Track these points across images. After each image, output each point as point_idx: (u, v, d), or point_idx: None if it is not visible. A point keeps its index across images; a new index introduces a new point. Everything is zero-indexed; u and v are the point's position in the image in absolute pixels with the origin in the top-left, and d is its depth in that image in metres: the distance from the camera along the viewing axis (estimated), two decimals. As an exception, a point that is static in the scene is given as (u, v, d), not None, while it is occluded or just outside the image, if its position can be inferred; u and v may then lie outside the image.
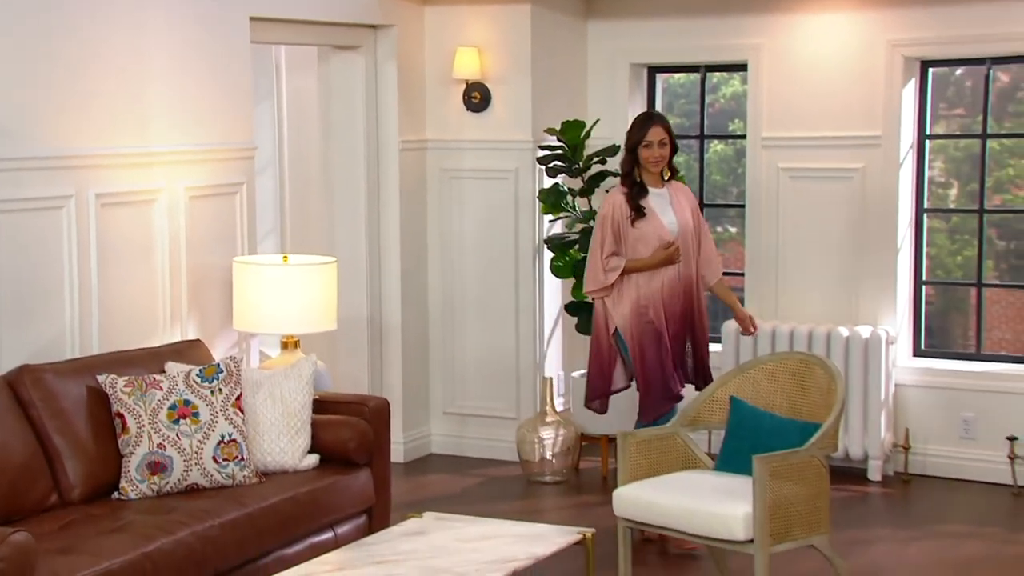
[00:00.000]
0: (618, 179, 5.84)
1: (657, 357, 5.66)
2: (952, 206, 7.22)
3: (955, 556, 5.58)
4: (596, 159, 6.76)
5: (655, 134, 5.60)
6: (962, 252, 7.14)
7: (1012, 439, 6.49)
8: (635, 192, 5.63)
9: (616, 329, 5.72)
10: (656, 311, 5.64)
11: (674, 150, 5.72)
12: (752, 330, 6.03)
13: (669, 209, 5.67)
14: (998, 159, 7.01)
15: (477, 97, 7.09)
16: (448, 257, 7.26)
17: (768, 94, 6.97)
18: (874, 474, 6.66)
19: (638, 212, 5.60)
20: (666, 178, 5.74)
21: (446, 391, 7.32)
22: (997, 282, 7.08)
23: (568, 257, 6.77)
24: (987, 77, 6.76)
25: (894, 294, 6.78)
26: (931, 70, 6.84)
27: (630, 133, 5.70)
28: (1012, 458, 6.48)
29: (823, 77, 6.84)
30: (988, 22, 6.49)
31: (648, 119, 5.71)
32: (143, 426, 4.74)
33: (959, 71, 7.05)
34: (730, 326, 6.94)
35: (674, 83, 7.74)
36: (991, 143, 6.88)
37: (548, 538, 4.42)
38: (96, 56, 5.26)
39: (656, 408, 5.67)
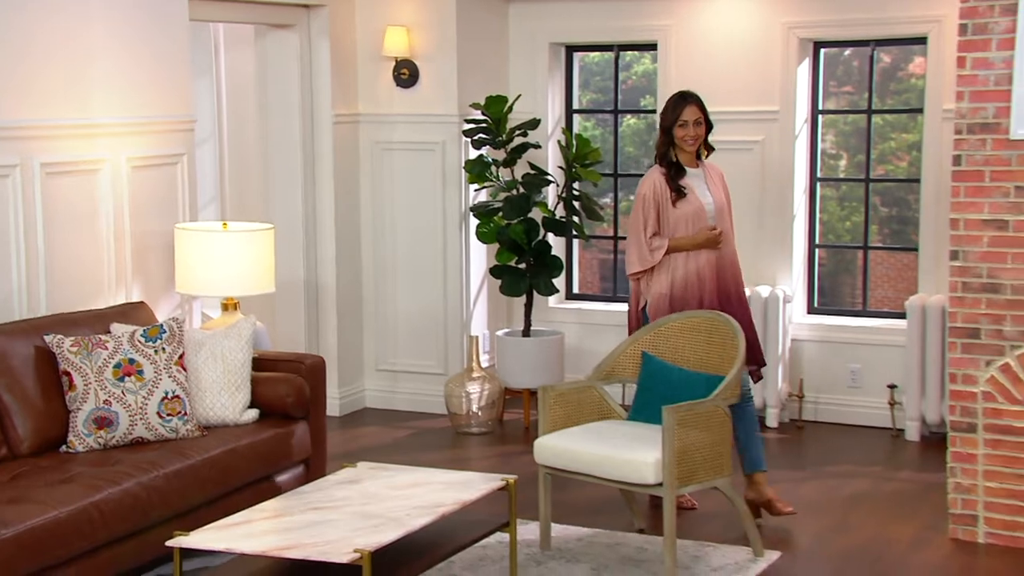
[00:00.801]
0: (654, 160, 5.42)
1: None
2: (842, 176, 7.30)
3: (842, 493, 5.69)
4: (518, 132, 6.74)
5: (690, 113, 5.22)
6: (850, 218, 7.24)
7: (892, 387, 6.61)
8: (673, 172, 5.27)
9: (645, 306, 5.32)
10: (692, 291, 5.24)
11: (708, 128, 5.31)
12: None
13: (705, 188, 5.32)
14: (882, 133, 7.10)
15: (406, 74, 7.02)
16: (380, 224, 7.20)
17: (676, 72, 6.97)
18: (772, 421, 6.75)
19: (679, 192, 5.24)
20: (704, 157, 5.38)
21: (379, 349, 7.28)
22: (880, 245, 7.18)
23: (492, 224, 6.74)
24: (872, 58, 6.83)
25: (790, 257, 6.85)
26: (822, 50, 6.90)
27: (664, 113, 5.30)
28: (892, 404, 6.61)
29: (726, 56, 6.86)
30: (873, 7, 6.55)
31: (682, 99, 5.26)
32: (89, 383, 4.66)
33: (847, 52, 7.11)
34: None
35: (589, 61, 7.71)
36: (876, 118, 6.97)
37: (474, 484, 4.41)
38: (41, 32, 5.14)
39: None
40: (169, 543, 3.92)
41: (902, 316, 6.58)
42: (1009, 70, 4.90)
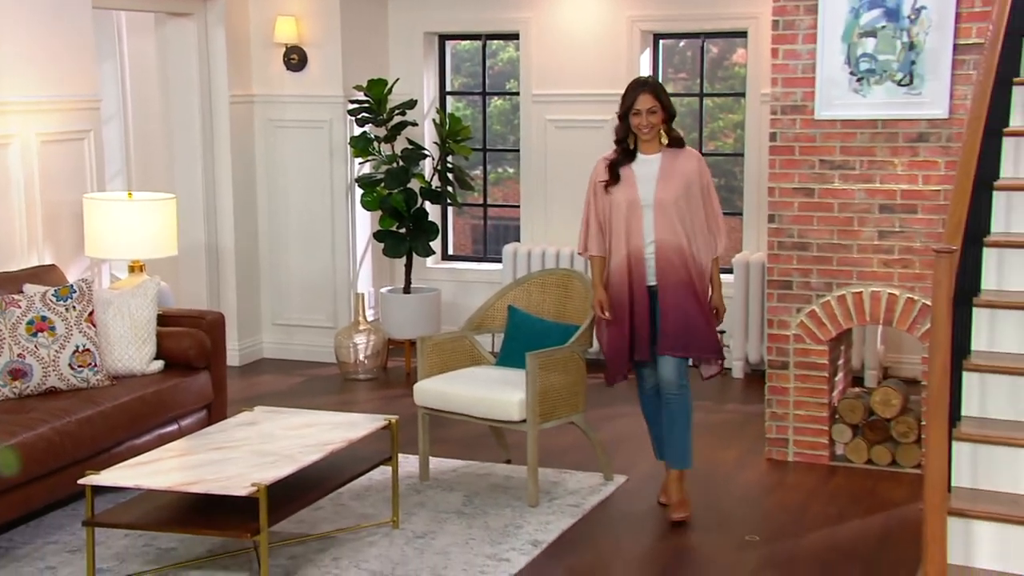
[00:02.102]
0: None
1: (618, 330, 4.55)
2: (679, 151, 7.39)
3: (680, 425, 5.79)
4: (397, 111, 6.67)
5: (643, 102, 4.43)
6: (687, 187, 7.33)
7: (721, 332, 6.68)
8: (620, 158, 4.52)
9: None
10: (622, 285, 4.50)
11: (669, 116, 4.52)
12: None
13: (653, 180, 4.47)
14: (711, 114, 7.22)
15: (295, 59, 6.89)
16: (274, 193, 7.08)
17: (536, 59, 6.99)
18: (620, 363, 6.84)
19: (613, 178, 4.49)
20: (665, 143, 4.52)
21: (274, 306, 7.18)
22: (713, 211, 7.29)
23: (375, 193, 6.67)
24: (702, 48, 6.94)
25: (635, 221, 6.93)
26: (661, 41, 6.98)
27: (622, 100, 4.51)
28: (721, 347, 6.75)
29: (578, 45, 6.90)
30: (704, 5, 6.64)
31: (636, 86, 4.50)
32: (4, 339, 4.50)
33: (682, 43, 7.20)
34: (509, 249, 7.01)
35: (460, 49, 7.67)
36: (706, 101, 7.07)
37: (360, 425, 4.40)
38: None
39: (615, 373, 4.63)
40: (81, 481, 3.85)
41: (729, 271, 6.70)
42: (813, 60, 5.04)
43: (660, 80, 6.91)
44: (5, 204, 5.21)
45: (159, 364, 4.95)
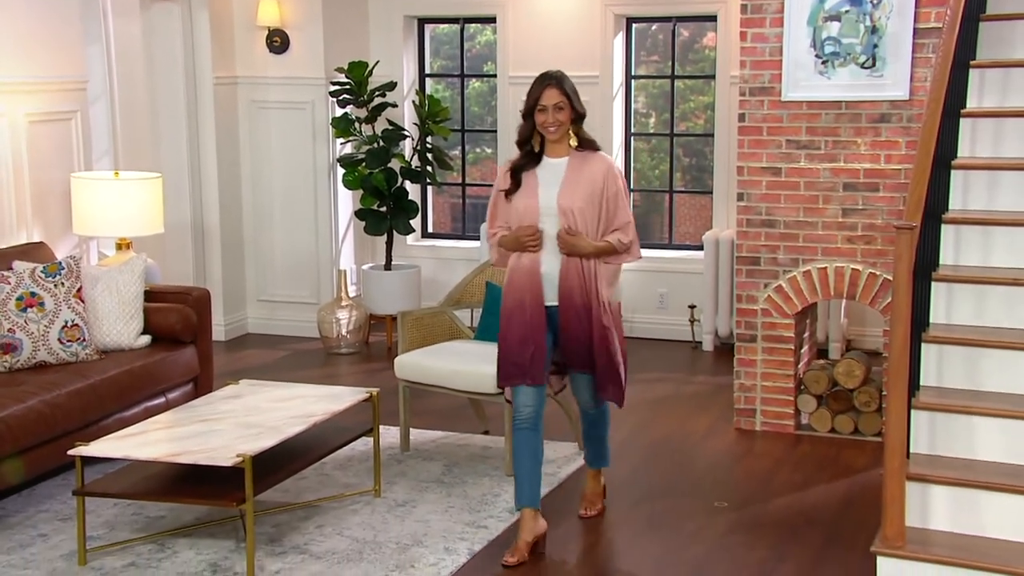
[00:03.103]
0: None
1: (518, 336, 3.89)
2: (651, 131, 7.41)
3: (652, 394, 5.83)
4: (378, 93, 6.64)
5: (549, 97, 3.79)
6: (659, 167, 7.36)
7: (692, 307, 6.79)
8: (522, 162, 3.89)
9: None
10: (522, 292, 3.88)
11: (578, 115, 3.86)
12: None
13: (555, 185, 3.83)
14: (682, 95, 7.22)
15: (278, 41, 6.84)
16: (258, 173, 7.04)
17: (513, 42, 6.96)
18: (594, 337, 6.86)
19: (515, 184, 3.88)
20: (574, 145, 3.88)
21: (259, 282, 7.15)
22: (683, 189, 7.33)
23: (357, 173, 6.65)
24: (673, 32, 6.93)
25: (609, 200, 6.93)
26: (634, 25, 6.97)
27: (527, 96, 3.87)
28: (692, 321, 6.80)
29: (554, 29, 6.87)
30: (677, -11, 6.65)
31: (541, 81, 3.84)
32: (-5, 315, 4.46)
33: (654, 27, 7.19)
34: (486, 227, 6.98)
35: (439, 32, 7.63)
36: (678, 83, 7.07)
37: (342, 397, 4.40)
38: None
39: (505, 380, 4.00)
40: (71, 452, 3.83)
41: (700, 248, 6.74)
42: (780, 43, 5.05)
43: (633, 62, 6.93)
44: (-7, 183, 5.18)
45: (146, 339, 4.93)
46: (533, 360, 3.87)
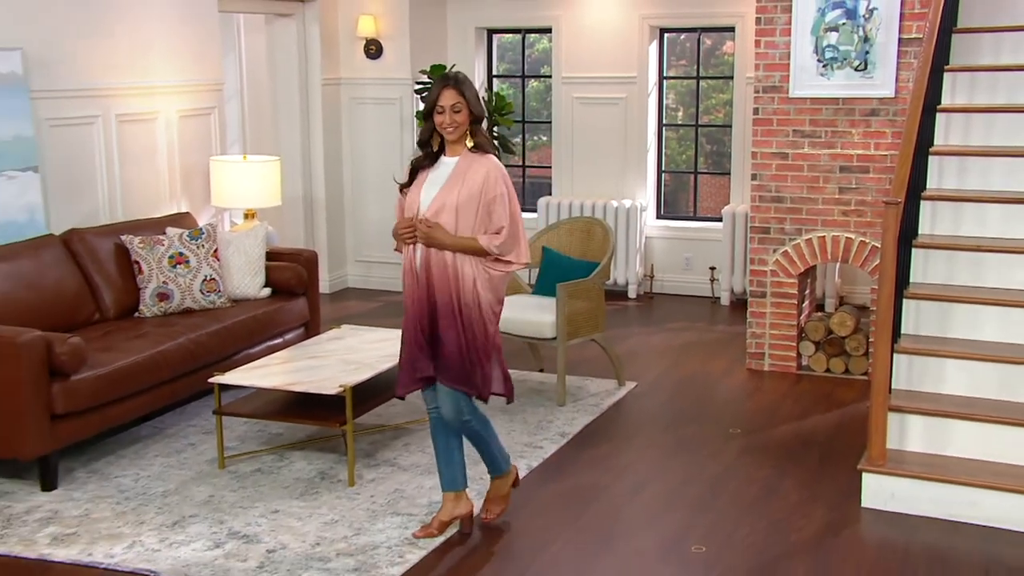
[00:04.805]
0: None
1: (408, 335, 3.29)
2: (679, 123, 7.34)
3: (679, 340, 5.81)
4: (453, 91, 6.66)
5: (446, 98, 3.16)
6: (686, 152, 7.29)
7: (712, 268, 6.75)
8: (421, 160, 3.29)
9: None
10: (407, 289, 3.30)
11: (475, 118, 3.22)
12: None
13: (438, 185, 3.22)
14: (706, 93, 7.14)
15: (373, 49, 6.88)
16: (356, 155, 7.12)
17: (565, 49, 6.92)
18: (632, 293, 6.85)
19: (410, 180, 3.30)
20: (469, 147, 3.23)
21: (357, 245, 7.25)
22: (706, 171, 7.26)
23: (436, 157, 6.69)
24: (698, 41, 6.83)
25: (645, 179, 6.91)
26: (666, 35, 6.88)
27: (427, 97, 3.26)
28: (712, 280, 6.76)
29: (600, 37, 6.82)
30: (700, 4, 6.54)
31: (442, 81, 3.20)
32: (152, 270, 4.63)
33: (682, 36, 7.09)
34: (543, 201, 7.01)
35: (504, 41, 7.61)
36: (702, 83, 6.98)
37: (426, 337, 4.44)
38: (114, 21, 5.00)
39: (404, 383, 3.32)
40: (211, 380, 3.96)
41: (720, 220, 6.70)
42: (788, 50, 4.98)
43: (665, 65, 6.85)
44: (153, 165, 5.31)
45: (268, 291, 5.02)
46: (417, 359, 3.24)
